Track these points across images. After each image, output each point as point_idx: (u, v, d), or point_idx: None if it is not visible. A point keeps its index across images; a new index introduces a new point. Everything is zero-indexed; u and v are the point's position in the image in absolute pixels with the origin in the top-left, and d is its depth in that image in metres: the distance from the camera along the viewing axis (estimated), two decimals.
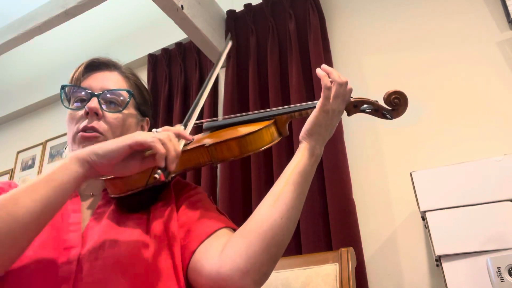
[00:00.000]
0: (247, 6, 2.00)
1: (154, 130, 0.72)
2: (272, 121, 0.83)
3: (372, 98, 0.86)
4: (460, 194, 1.10)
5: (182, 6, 1.68)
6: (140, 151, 0.68)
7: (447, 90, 1.53)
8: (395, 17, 1.74)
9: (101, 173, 0.68)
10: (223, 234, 0.75)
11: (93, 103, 0.82)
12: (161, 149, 0.65)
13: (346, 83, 0.80)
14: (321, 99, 0.78)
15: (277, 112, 0.85)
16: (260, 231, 0.68)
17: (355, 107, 0.84)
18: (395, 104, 0.82)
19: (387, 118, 0.84)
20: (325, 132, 0.79)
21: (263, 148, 0.79)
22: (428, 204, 1.13)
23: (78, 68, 0.89)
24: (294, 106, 0.85)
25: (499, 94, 1.43)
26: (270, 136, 0.81)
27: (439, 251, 1.07)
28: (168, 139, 0.67)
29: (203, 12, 1.85)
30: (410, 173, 1.21)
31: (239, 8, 2.04)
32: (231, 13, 2.03)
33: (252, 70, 1.85)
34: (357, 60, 1.75)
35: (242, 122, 0.87)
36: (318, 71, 0.82)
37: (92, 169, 0.66)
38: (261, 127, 0.79)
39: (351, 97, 0.83)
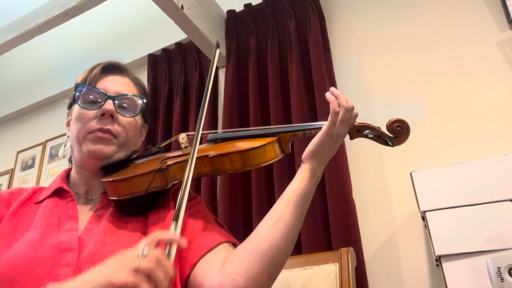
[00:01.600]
0: (247, 6, 2.00)
1: (141, 249, 0.56)
2: (276, 138, 0.85)
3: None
4: (460, 194, 1.10)
5: (182, 6, 1.68)
6: None
7: (447, 90, 1.53)
8: (395, 17, 1.74)
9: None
10: (223, 249, 0.76)
11: (110, 105, 0.83)
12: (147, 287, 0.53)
13: (353, 108, 0.81)
14: (327, 123, 0.79)
15: (281, 130, 0.87)
16: (260, 251, 0.70)
17: (358, 131, 0.86)
18: (397, 132, 0.84)
19: (388, 145, 0.86)
20: (327, 155, 0.80)
21: (265, 164, 0.81)
22: (428, 204, 1.13)
23: (93, 68, 0.90)
24: (298, 126, 0.87)
25: (499, 94, 1.43)
26: (273, 153, 0.83)
27: (439, 251, 1.07)
28: (156, 266, 0.54)
29: (203, 12, 1.85)
30: (410, 173, 1.21)
31: (239, 8, 2.04)
32: (231, 13, 2.03)
33: (252, 70, 1.85)
34: (357, 61, 1.75)
35: (246, 136, 0.89)
36: (328, 95, 0.83)
37: None
38: (265, 143, 0.81)
39: (355, 122, 0.85)
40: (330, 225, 1.42)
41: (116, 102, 0.86)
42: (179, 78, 2.11)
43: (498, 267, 0.91)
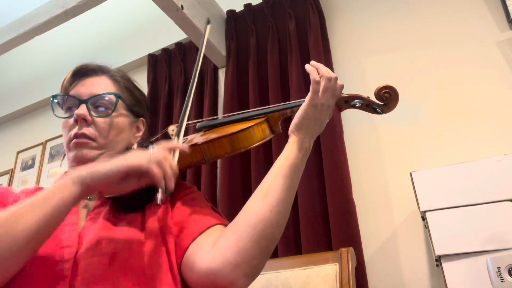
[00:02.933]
0: (247, 6, 2.00)
1: (150, 147, 0.72)
2: (264, 118, 0.84)
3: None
4: (460, 194, 1.10)
5: (182, 6, 1.68)
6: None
7: (447, 90, 1.53)
8: (395, 17, 1.74)
9: (99, 191, 0.69)
10: (216, 230, 0.76)
11: (81, 110, 0.83)
12: (157, 172, 0.67)
13: (336, 78, 0.80)
14: (309, 93, 0.78)
15: (269, 110, 0.86)
16: (250, 224, 0.69)
17: (346, 102, 0.85)
18: (386, 99, 0.83)
19: (378, 112, 0.85)
20: (314, 126, 0.79)
21: (254, 145, 0.81)
22: (428, 204, 1.13)
23: (66, 76, 0.90)
24: (285, 104, 0.86)
25: (499, 94, 1.43)
26: (261, 133, 0.83)
27: (439, 251, 1.07)
28: (164, 158, 0.68)
29: (203, 12, 1.85)
30: (410, 173, 1.21)
31: (239, 8, 2.04)
32: (231, 13, 2.03)
33: (252, 70, 1.85)
34: (357, 60, 1.75)
35: (235, 120, 0.89)
36: (307, 66, 0.82)
37: (89, 188, 0.67)
38: (251, 124, 0.81)
39: (342, 93, 0.84)
40: (330, 225, 1.43)
41: (91, 104, 0.85)
42: (179, 78, 2.12)
43: (498, 267, 0.91)
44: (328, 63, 1.71)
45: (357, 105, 0.85)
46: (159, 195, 0.67)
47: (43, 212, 0.63)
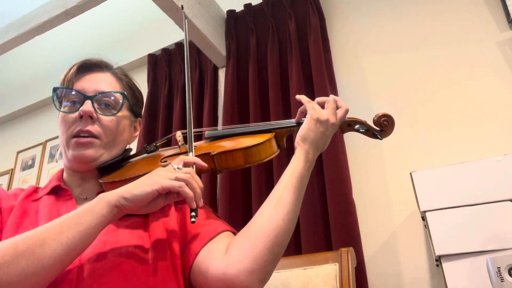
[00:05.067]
0: (247, 6, 2.00)
1: (173, 165, 0.72)
2: (274, 134, 0.87)
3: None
4: (460, 194, 1.10)
5: (182, 6, 1.68)
6: None
7: (447, 90, 1.53)
8: (395, 17, 1.74)
9: (126, 213, 0.69)
10: (226, 237, 0.77)
11: (87, 106, 0.81)
12: (189, 193, 0.68)
13: (334, 100, 0.87)
14: (308, 110, 0.86)
15: (277, 126, 0.89)
16: (264, 232, 0.71)
17: (348, 125, 0.92)
18: (384, 126, 0.91)
19: (377, 138, 0.92)
20: (319, 140, 0.83)
21: (265, 160, 0.84)
22: (428, 204, 1.13)
23: (70, 69, 0.87)
24: (292, 121, 0.90)
25: (499, 94, 1.43)
26: (272, 148, 0.86)
27: (439, 251, 1.07)
28: (191, 179, 0.70)
29: (203, 12, 1.85)
30: (410, 173, 1.21)
31: (239, 8, 2.04)
32: (231, 13, 2.03)
33: (252, 70, 1.85)
34: (357, 60, 1.75)
35: (244, 133, 0.91)
36: (297, 96, 0.91)
37: (121, 211, 0.67)
38: (265, 139, 0.84)
39: (347, 117, 0.90)
40: (330, 225, 1.43)
41: (96, 101, 0.83)
42: (179, 78, 2.12)
43: (498, 267, 0.91)
44: (328, 63, 1.71)
45: (360, 130, 0.92)
46: (193, 219, 0.68)
47: (71, 237, 0.62)
